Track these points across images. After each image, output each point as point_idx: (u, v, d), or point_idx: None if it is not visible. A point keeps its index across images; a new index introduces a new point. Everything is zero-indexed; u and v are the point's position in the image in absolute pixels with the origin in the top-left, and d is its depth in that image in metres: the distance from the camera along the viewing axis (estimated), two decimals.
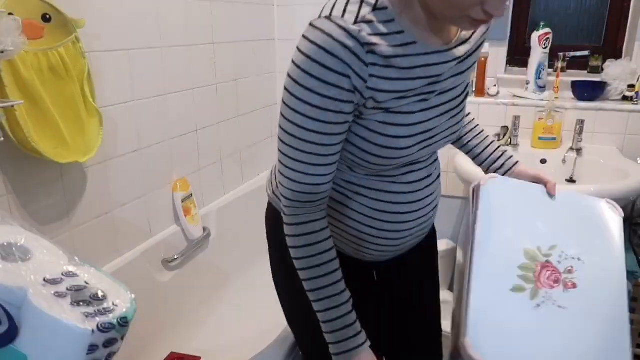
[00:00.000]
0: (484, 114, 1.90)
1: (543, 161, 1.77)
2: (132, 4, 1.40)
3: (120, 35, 1.37)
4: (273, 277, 1.07)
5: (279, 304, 1.07)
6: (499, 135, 1.85)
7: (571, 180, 1.71)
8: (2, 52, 0.93)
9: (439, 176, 0.96)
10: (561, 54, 1.86)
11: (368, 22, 0.69)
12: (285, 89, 0.73)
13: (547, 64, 1.86)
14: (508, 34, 1.97)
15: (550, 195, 0.92)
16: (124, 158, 1.44)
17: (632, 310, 1.50)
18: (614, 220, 0.92)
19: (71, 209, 1.29)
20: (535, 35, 1.83)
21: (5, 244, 0.71)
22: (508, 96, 1.91)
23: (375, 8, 0.70)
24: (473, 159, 1.06)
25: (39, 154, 1.10)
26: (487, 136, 1.05)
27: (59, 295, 0.67)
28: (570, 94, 1.86)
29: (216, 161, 1.87)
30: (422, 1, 0.71)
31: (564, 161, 1.74)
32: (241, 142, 2.01)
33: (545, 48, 1.83)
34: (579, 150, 1.74)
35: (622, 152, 1.75)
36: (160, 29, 1.51)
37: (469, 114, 1.03)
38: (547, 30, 1.82)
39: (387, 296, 1.10)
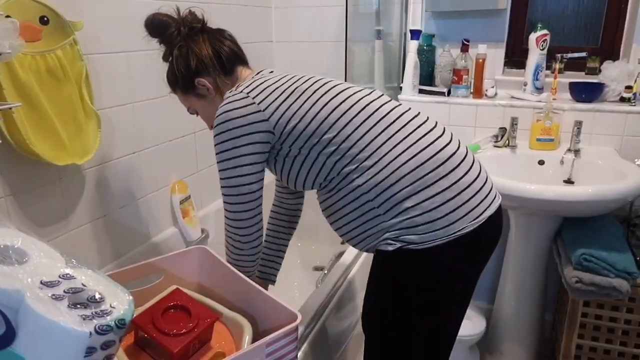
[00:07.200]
0: (481, 116, 1.91)
1: (541, 162, 1.77)
2: (130, 6, 1.40)
3: (118, 37, 1.37)
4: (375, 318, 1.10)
5: None
6: (496, 136, 1.86)
7: (569, 182, 1.71)
8: (0, 54, 0.93)
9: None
10: (559, 55, 1.86)
11: None
12: None
13: (544, 65, 1.86)
14: (506, 36, 1.98)
15: None
16: (122, 160, 1.44)
17: (631, 310, 1.50)
18: None
19: (69, 211, 1.29)
20: (532, 37, 1.83)
21: (2, 246, 0.71)
22: (506, 97, 1.91)
23: None
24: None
25: (37, 156, 1.10)
26: None
27: (56, 297, 0.66)
28: (568, 96, 1.87)
29: (214, 163, 1.87)
30: None
31: (561, 162, 1.74)
32: None
33: (542, 49, 1.83)
34: (576, 152, 1.74)
35: (620, 153, 1.75)
36: None
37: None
38: (545, 31, 1.82)
39: None
